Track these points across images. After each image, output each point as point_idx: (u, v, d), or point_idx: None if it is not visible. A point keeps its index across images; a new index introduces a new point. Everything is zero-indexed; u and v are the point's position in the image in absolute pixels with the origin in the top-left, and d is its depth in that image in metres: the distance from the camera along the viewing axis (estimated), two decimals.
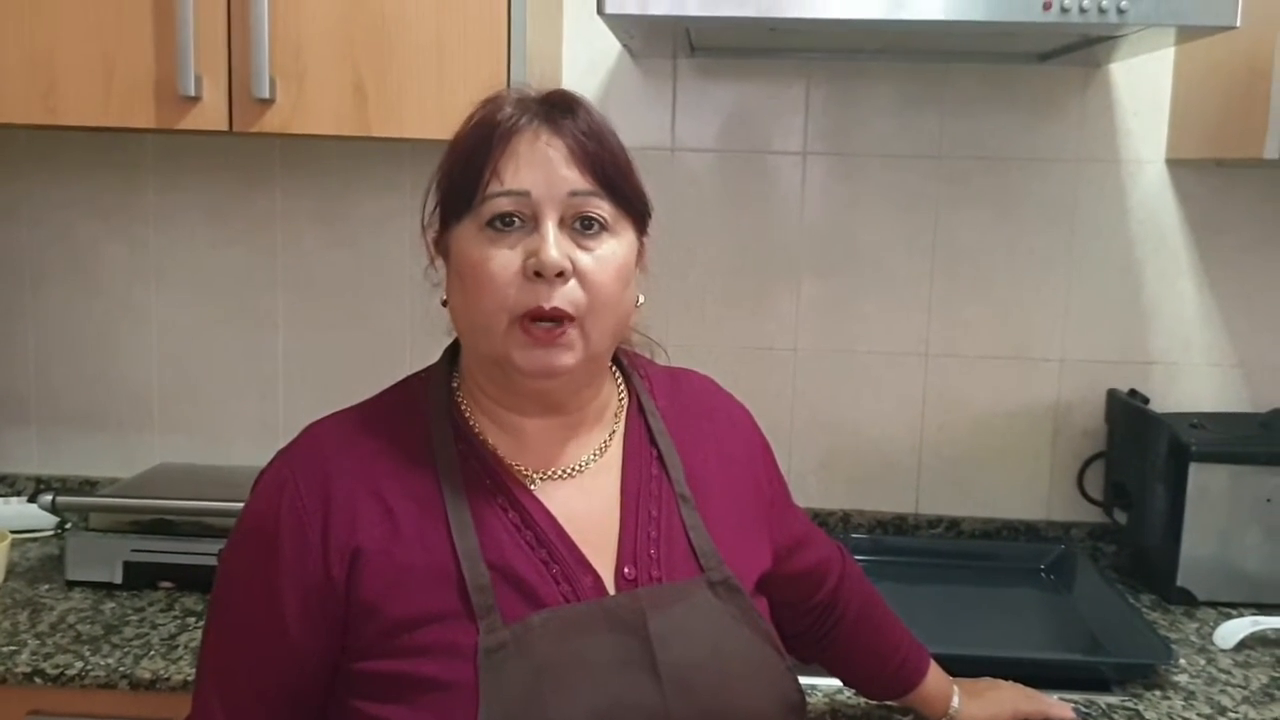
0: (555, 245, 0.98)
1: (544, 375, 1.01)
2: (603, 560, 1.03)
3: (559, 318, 0.98)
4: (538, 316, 0.98)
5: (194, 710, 1.05)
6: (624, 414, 1.13)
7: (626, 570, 1.03)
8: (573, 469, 1.07)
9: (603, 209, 1.01)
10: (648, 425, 1.13)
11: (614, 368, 1.15)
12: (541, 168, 0.99)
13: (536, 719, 0.94)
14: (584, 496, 1.06)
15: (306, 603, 0.99)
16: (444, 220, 1.04)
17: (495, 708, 0.93)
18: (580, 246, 1.00)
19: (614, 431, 1.11)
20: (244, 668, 1.03)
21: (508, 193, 0.99)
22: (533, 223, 0.99)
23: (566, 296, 0.98)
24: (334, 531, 0.99)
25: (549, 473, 1.06)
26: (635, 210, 1.05)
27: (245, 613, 1.03)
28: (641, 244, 1.07)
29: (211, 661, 1.05)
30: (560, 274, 0.98)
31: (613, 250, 1.01)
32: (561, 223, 0.99)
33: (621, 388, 1.15)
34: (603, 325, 1.01)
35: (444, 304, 1.07)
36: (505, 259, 0.98)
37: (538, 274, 0.97)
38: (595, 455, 1.09)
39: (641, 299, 1.09)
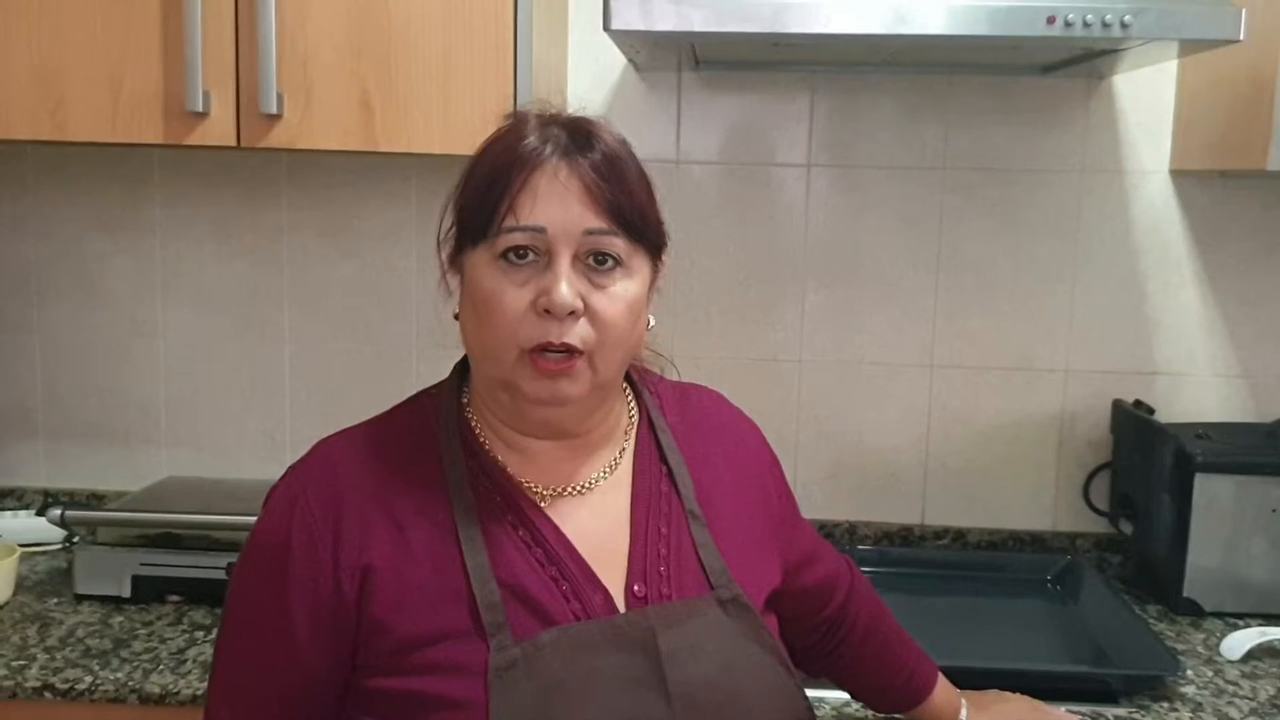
0: (568, 285, 0.97)
1: (552, 403, 1.01)
2: (613, 578, 1.03)
3: (568, 350, 0.99)
4: (546, 349, 0.98)
5: None
6: (634, 431, 1.13)
7: (636, 588, 1.03)
8: (583, 486, 1.07)
9: (617, 246, 1.00)
10: (658, 442, 1.13)
11: (625, 385, 1.15)
12: (558, 204, 0.99)
13: None
14: (594, 514, 1.06)
15: (317, 620, 0.99)
16: (459, 241, 1.05)
17: None
18: (593, 284, 1.00)
19: (624, 449, 1.11)
20: (254, 684, 1.03)
21: (523, 228, 0.99)
22: (547, 258, 0.99)
23: (577, 334, 0.98)
24: (345, 549, 0.99)
25: (559, 490, 1.06)
26: (651, 243, 1.05)
27: (256, 629, 1.03)
28: (656, 270, 1.07)
29: (222, 677, 1.06)
30: (571, 313, 0.98)
31: (625, 288, 1.01)
32: (575, 259, 0.99)
33: (632, 404, 1.15)
34: (611, 359, 1.02)
35: (456, 318, 1.07)
36: (517, 294, 0.99)
37: (548, 311, 0.98)
38: (605, 473, 1.09)
39: (653, 322, 1.09)
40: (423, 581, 0.99)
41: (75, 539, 1.90)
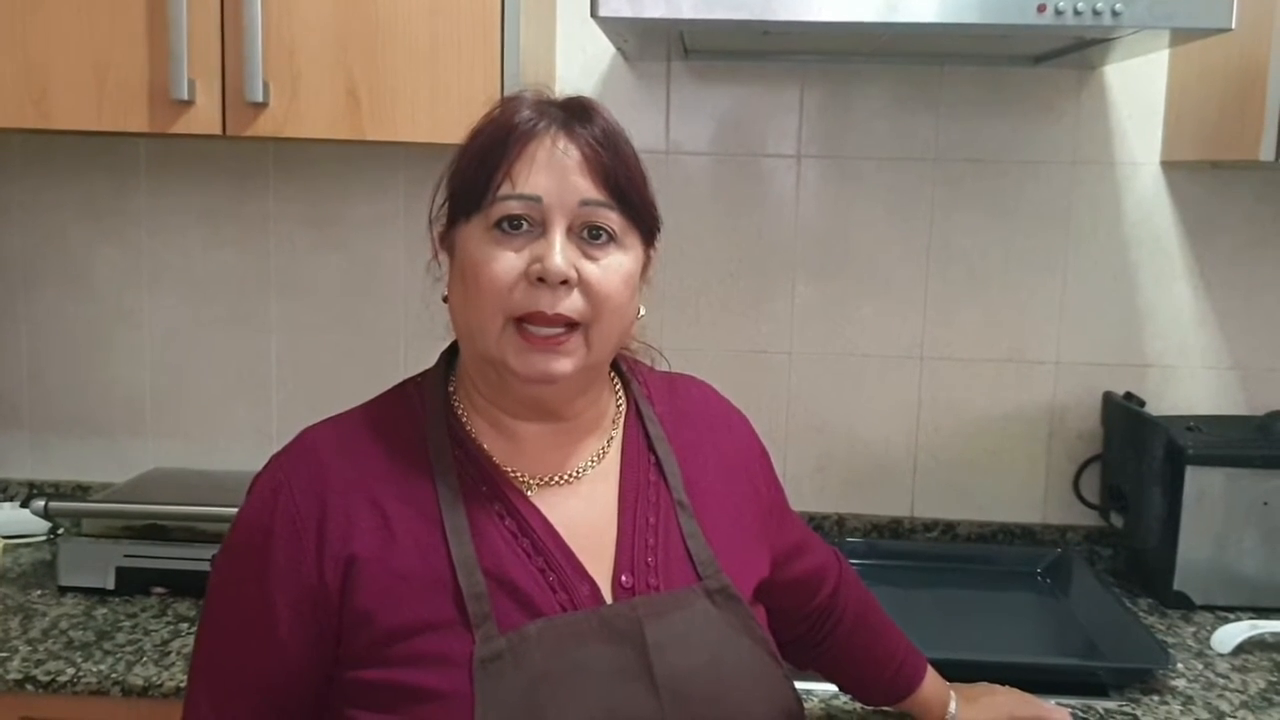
0: (561, 253, 0.97)
1: (540, 381, 1.00)
2: (600, 568, 1.02)
3: (561, 324, 0.98)
4: (539, 321, 0.98)
5: (185, 714, 1.04)
6: (622, 420, 1.12)
7: (624, 578, 1.02)
8: (570, 476, 1.06)
9: (612, 220, 1.00)
10: (646, 432, 1.12)
11: (612, 374, 1.15)
12: (555, 174, 0.99)
13: None
14: (581, 504, 1.05)
15: (299, 609, 0.98)
16: (451, 216, 1.04)
17: (491, 718, 0.92)
18: (587, 256, 0.99)
19: (612, 438, 1.11)
20: (235, 673, 1.03)
21: (519, 196, 0.98)
22: (541, 228, 0.99)
23: (570, 305, 0.98)
24: (329, 538, 0.98)
25: (546, 479, 1.06)
26: (644, 222, 1.04)
27: (237, 618, 1.02)
28: (648, 256, 1.07)
29: (203, 666, 1.05)
30: (564, 282, 0.97)
31: (619, 262, 1.01)
32: (570, 230, 0.99)
33: (620, 394, 1.14)
34: (605, 335, 1.01)
35: (445, 300, 1.07)
36: (510, 261, 0.98)
37: (541, 280, 0.97)
38: (593, 462, 1.08)
39: (643, 311, 1.09)
40: (407, 572, 0.98)
41: (59, 530, 1.89)
